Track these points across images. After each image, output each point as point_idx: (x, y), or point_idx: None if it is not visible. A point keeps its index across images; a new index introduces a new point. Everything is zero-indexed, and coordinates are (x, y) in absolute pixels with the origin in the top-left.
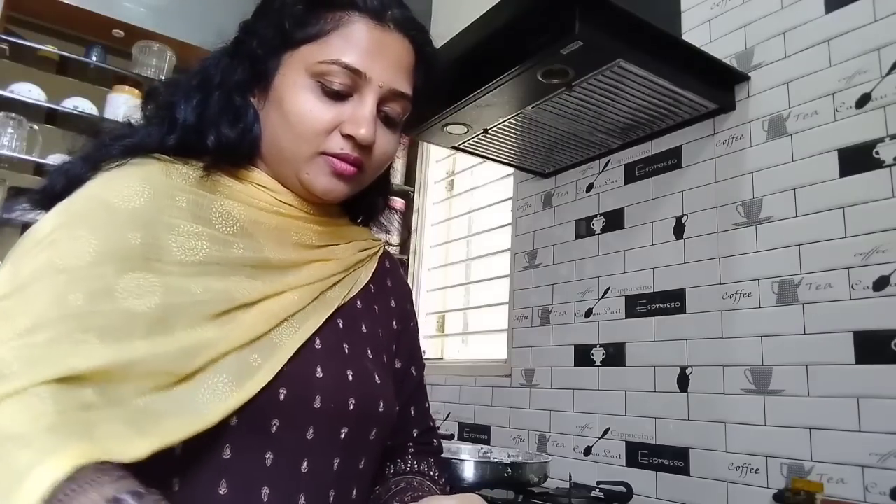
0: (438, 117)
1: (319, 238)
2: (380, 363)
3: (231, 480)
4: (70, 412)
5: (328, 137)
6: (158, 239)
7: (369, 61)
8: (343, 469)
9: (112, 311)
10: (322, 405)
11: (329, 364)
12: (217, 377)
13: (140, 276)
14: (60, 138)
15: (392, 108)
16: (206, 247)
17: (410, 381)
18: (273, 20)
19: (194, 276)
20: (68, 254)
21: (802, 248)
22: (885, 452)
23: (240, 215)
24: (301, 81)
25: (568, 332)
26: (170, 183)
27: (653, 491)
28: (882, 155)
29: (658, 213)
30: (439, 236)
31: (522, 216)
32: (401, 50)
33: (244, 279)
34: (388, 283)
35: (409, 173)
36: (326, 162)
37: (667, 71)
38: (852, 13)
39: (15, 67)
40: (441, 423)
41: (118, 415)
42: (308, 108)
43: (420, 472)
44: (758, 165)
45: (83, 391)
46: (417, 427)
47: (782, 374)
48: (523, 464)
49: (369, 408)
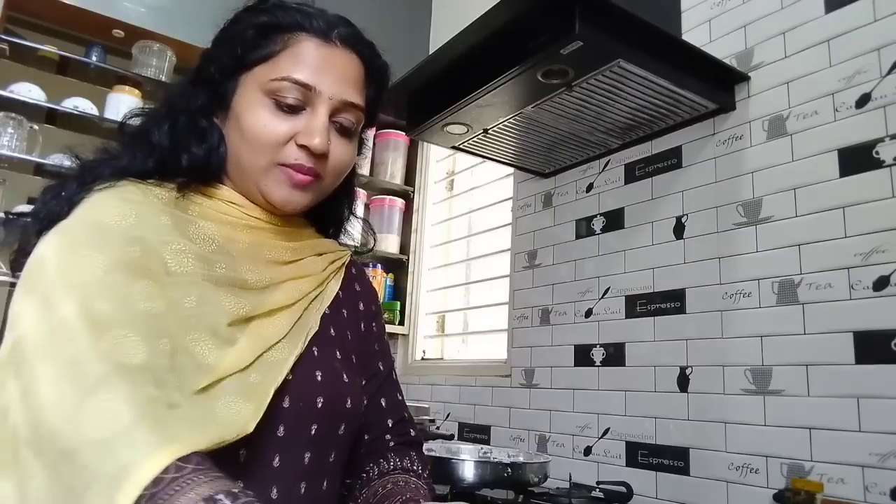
0: (438, 117)
1: (291, 253)
2: (348, 363)
3: None
4: (148, 405)
5: (283, 149)
6: (154, 252)
7: (318, 76)
8: (314, 463)
9: (137, 313)
10: (291, 404)
11: (298, 367)
12: (227, 397)
13: (147, 284)
14: (60, 138)
15: (345, 119)
16: (192, 263)
17: (378, 375)
18: (228, 46)
19: (188, 285)
20: (80, 270)
21: (802, 248)
22: (885, 452)
23: (215, 234)
24: (256, 99)
25: (568, 332)
26: (150, 203)
27: (653, 491)
28: (882, 155)
29: (658, 213)
30: (439, 236)
31: (522, 216)
32: (349, 64)
33: (229, 296)
34: (356, 287)
35: (409, 173)
36: (283, 173)
37: (667, 71)
38: (852, 13)
39: (15, 67)
40: (441, 423)
41: (178, 415)
42: (263, 122)
43: (404, 469)
44: (758, 165)
45: (148, 388)
46: (391, 417)
47: (782, 374)
48: (523, 464)
49: (337, 405)
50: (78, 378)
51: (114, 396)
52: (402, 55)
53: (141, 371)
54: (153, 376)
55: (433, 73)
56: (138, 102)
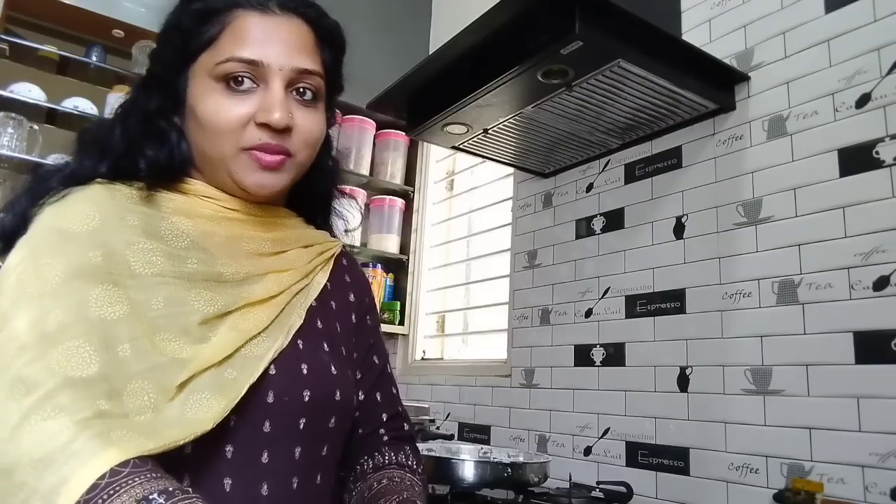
0: (438, 117)
1: (273, 245)
2: (337, 355)
3: (193, 474)
4: (93, 420)
5: (245, 132)
6: (117, 255)
7: (263, 49)
8: (305, 457)
9: (91, 322)
10: (275, 399)
11: (282, 361)
12: (199, 394)
13: (107, 289)
14: (60, 138)
15: (304, 86)
16: (161, 262)
17: (374, 369)
18: (170, 41)
19: (155, 286)
20: (38, 280)
21: (802, 248)
22: (885, 452)
23: (189, 230)
24: (207, 87)
25: (568, 332)
26: (116, 204)
27: (653, 491)
28: (882, 155)
29: (658, 213)
30: (439, 236)
31: (522, 216)
32: (293, 30)
33: (203, 291)
34: (347, 278)
35: (409, 173)
36: (250, 157)
37: (667, 71)
38: (852, 13)
39: (15, 67)
40: (441, 424)
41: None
42: (216, 108)
43: (399, 464)
44: (758, 165)
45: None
46: (386, 411)
47: (782, 374)
48: (523, 464)
49: (325, 398)
50: (22, 395)
51: (56, 413)
52: (402, 55)
53: (90, 383)
54: (106, 386)
55: (433, 73)
56: None
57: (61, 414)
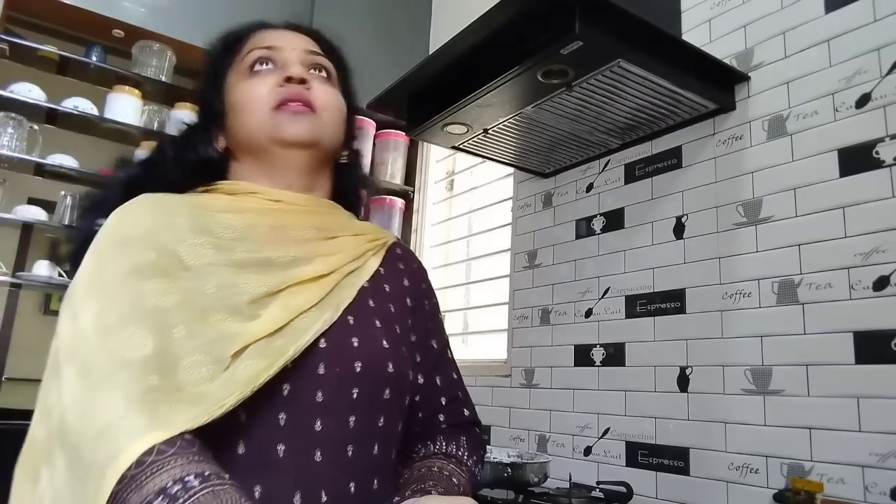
0: (438, 117)
1: (319, 232)
2: (389, 332)
3: (247, 441)
4: (144, 395)
5: (271, 96)
6: (169, 252)
7: (278, 41)
8: (360, 426)
9: (146, 310)
10: (326, 371)
11: (332, 335)
12: (249, 360)
13: (161, 281)
14: (60, 138)
15: (318, 64)
16: (210, 253)
17: (432, 353)
18: (209, 71)
19: (206, 275)
20: (101, 279)
21: (802, 248)
22: (885, 452)
23: (237, 223)
24: (238, 81)
25: (568, 332)
26: (165, 210)
27: (653, 491)
28: (882, 155)
29: (658, 213)
30: (439, 236)
31: (522, 216)
32: (300, 37)
33: (252, 275)
34: (400, 265)
35: (409, 173)
36: (281, 113)
37: (667, 71)
38: (852, 13)
39: (15, 67)
40: None
41: (175, 397)
42: (246, 89)
43: (446, 454)
44: (758, 165)
45: (149, 377)
46: (445, 395)
47: (782, 374)
48: (523, 464)
49: (377, 369)
50: (88, 377)
51: (112, 390)
52: (402, 55)
53: (145, 362)
54: (160, 364)
55: (433, 73)
56: (138, 102)
57: (116, 391)
